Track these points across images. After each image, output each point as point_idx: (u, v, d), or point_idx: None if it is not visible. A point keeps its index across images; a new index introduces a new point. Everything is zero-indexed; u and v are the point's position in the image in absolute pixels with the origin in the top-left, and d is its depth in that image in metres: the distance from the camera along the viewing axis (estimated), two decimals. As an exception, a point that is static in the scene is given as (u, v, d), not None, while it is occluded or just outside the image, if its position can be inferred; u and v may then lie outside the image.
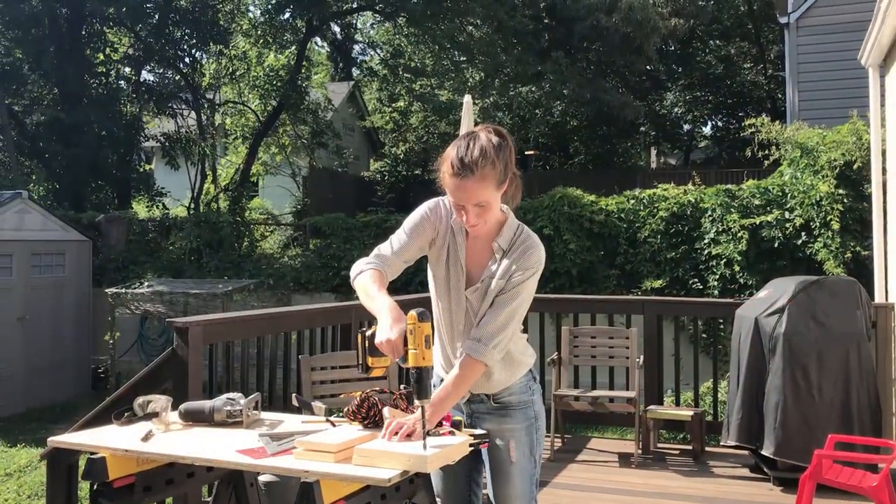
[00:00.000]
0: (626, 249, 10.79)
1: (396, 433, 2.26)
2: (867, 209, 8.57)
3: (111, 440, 2.42)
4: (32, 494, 7.27)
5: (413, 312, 2.18)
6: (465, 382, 2.45)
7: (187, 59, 18.19)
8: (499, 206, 2.48)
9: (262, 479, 3.33)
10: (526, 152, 19.76)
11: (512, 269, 2.46)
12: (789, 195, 9.89)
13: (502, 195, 2.45)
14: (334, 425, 2.53)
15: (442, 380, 2.58)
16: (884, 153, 7.46)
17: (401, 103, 21.40)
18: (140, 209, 17.05)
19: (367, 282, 2.39)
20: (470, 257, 2.53)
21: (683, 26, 20.03)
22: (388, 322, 2.22)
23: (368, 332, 2.28)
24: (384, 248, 2.52)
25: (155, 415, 2.60)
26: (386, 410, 2.44)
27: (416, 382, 2.19)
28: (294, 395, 3.98)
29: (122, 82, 18.72)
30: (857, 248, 9.12)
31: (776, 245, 9.70)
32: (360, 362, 2.31)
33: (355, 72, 25.02)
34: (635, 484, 5.27)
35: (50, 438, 2.54)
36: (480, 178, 2.34)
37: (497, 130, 2.44)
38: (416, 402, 2.21)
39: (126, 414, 2.62)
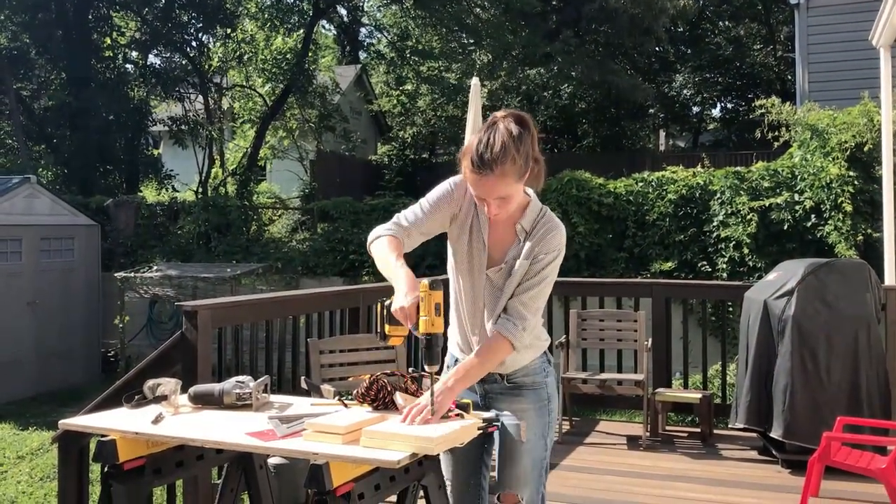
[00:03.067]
0: (634, 232, 10.75)
1: (415, 417, 2.28)
2: (878, 191, 8.51)
3: (121, 423, 2.43)
4: (44, 477, 7.33)
5: (425, 281, 2.25)
6: (493, 359, 2.47)
7: (194, 43, 18.16)
8: (520, 193, 2.49)
9: (271, 461, 3.34)
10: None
11: (536, 252, 2.49)
12: (799, 177, 9.83)
13: (525, 180, 2.45)
14: (346, 406, 2.54)
15: (457, 360, 2.58)
16: (895, 134, 7.40)
17: (408, 86, 21.32)
18: (148, 193, 17.08)
19: (385, 248, 2.42)
20: (492, 236, 2.54)
21: (692, 7, 19.90)
22: (403, 291, 2.28)
23: (387, 302, 2.35)
24: (403, 217, 2.52)
25: (164, 398, 2.61)
26: (398, 396, 2.45)
27: (425, 349, 2.26)
28: (303, 377, 3.99)
29: (130, 66, 18.70)
30: (868, 231, 9.07)
31: (785, 227, 9.65)
32: (379, 330, 2.38)
33: (362, 55, 24.92)
34: (644, 466, 5.28)
35: (61, 421, 2.55)
36: (500, 175, 2.34)
37: (518, 118, 2.40)
38: (426, 369, 2.28)
39: (136, 397, 2.63)
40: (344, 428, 2.19)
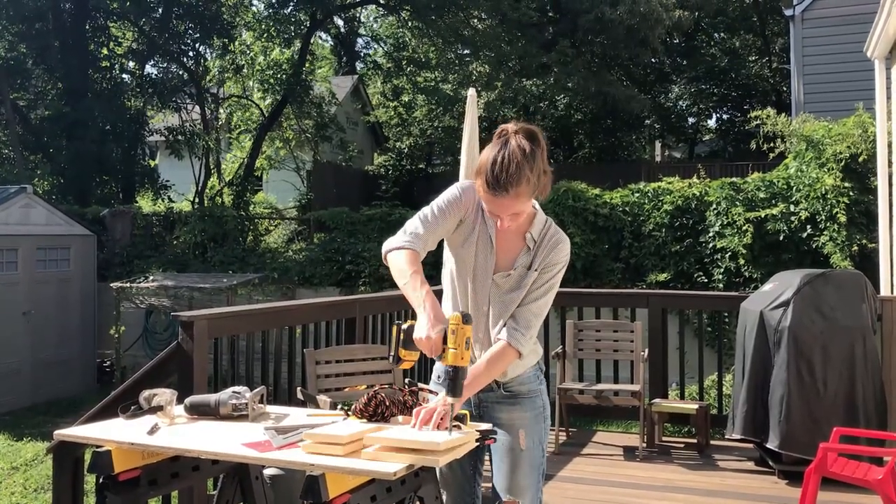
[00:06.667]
0: (630, 243, 10.77)
1: (427, 421, 2.29)
2: (873, 202, 8.54)
3: (117, 433, 2.43)
4: (39, 488, 7.29)
5: (458, 314, 2.24)
6: (499, 366, 2.50)
7: (191, 54, 18.18)
8: (531, 205, 2.54)
9: (267, 472, 3.33)
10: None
11: (545, 263, 2.54)
12: (794, 188, 9.86)
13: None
14: (348, 415, 2.53)
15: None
16: (890, 146, 7.44)
17: (405, 97, 21.36)
18: (145, 203, 17.07)
19: (405, 265, 2.40)
20: (499, 242, 2.57)
21: (688, 18, 19.95)
22: (429, 321, 2.26)
23: (405, 326, 2.33)
24: (417, 227, 2.49)
25: (160, 408, 2.60)
26: (399, 419, 2.45)
27: (451, 380, 2.24)
28: (299, 388, 3.99)
29: (126, 77, 18.72)
30: (864, 241, 9.10)
31: (781, 238, 9.68)
32: (393, 353, 2.36)
33: (359, 65, 24.98)
34: (640, 477, 5.27)
35: (56, 432, 2.54)
36: (515, 196, 2.38)
37: (529, 133, 2.41)
38: (449, 400, 2.27)
39: (132, 407, 2.63)
40: (345, 439, 2.19)
